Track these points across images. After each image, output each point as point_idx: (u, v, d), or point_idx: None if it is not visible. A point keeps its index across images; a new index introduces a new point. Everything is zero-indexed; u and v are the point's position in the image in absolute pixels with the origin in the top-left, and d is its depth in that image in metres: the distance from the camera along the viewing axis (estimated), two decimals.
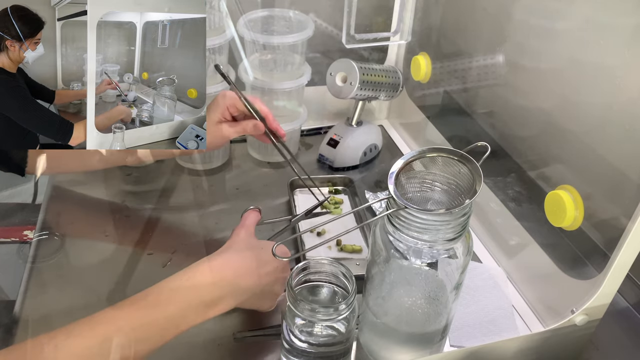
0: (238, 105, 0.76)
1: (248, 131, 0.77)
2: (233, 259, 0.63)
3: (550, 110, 0.73)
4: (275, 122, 0.78)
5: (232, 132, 0.76)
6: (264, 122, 0.76)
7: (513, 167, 0.80)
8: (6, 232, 0.86)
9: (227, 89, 0.95)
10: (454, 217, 0.52)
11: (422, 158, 0.56)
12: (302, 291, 0.60)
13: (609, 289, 0.60)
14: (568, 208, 0.64)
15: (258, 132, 0.77)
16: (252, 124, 0.76)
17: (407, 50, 1.08)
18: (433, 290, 0.59)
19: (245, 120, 0.77)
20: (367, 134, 1.04)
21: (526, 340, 0.64)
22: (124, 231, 0.84)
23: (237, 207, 0.91)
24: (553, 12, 0.70)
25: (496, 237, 0.84)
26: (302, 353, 0.59)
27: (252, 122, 0.76)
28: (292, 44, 0.92)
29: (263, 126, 0.76)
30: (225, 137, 0.76)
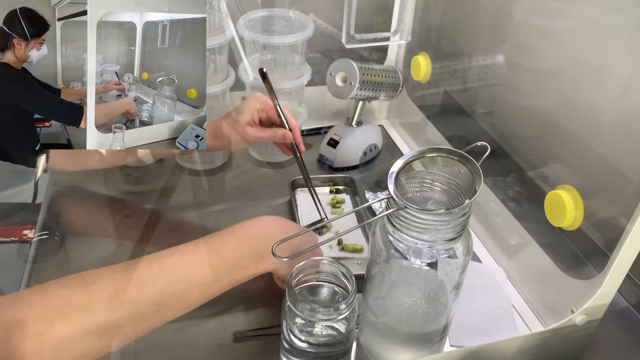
0: (269, 111, 0.78)
1: (277, 138, 0.79)
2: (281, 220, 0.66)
3: (550, 110, 0.73)
4: (300, 137, 0.81)
5: (262, 136, 0.79)
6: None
7: (513, 167, 0.80)
8: (6, 232, 0.86)
9: (228, 90, 0.95)
10: (454, 217, 0.52)
11: (422, 158, 0.56)
12: (302, 291, 0.60)
13: (609, 289, 0.60)
14: (568, 208, 0.64)
15: (286, 141, 0.79)
16: (282, 132, 0.78)
17: (407, 50, 1.08)
18: (433, 290, 0.59)
19: (273, 127, 0.79)
20: (367, 134, 1.04)
21: (526, 340, 0.64)
22: (124, 231, 0.84)
23: (237, 207, 0.92)
24: (553, 12, 0.70)
25: (496, 237, 0.84)
26: (302, 353, 0.59)
27: (283, 131, 0.78)
28: (292, 44, 0.92)
29: (292, 137, 0.77)
30: (254, 139, 0.79)
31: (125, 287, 0.52)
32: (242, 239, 0.61)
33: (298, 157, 0.81)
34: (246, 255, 0.60)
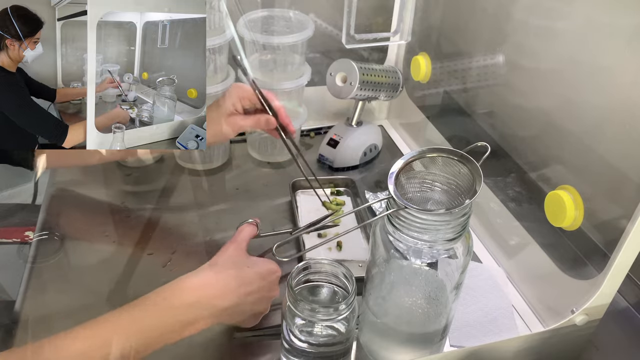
0: (251, 98, 0.76)
1: (261, 125, 0.77)
2: (212, 280, 0.61)
3: (550, 110, 0.73)
4: (287, 117, 0.78)
5: (244, 124, 0.77)
6: (276, 117, 0.76)
7: (513, 167, 0.80)
8: (6, 233, 0.86)
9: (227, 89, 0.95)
10: (454, 217, 0.52)
11: (422, 158, 0.56)
12: (302, 291, 0.60)
13: (609, 289, 0.60)
14: (568, 208, 0.64)
15: (270, 126, 0.77)
16: (264, 118, 0.76)
17: (407, 50, 1.08)
18: (433, 290, 0.59)
19: (257, 113, 0.77)
20: (367, 134, 1.04)
21: (526, 340, 0.64)
22: (124, 231, 0.84)
23: (237, 207, 0.92)
24: (553, 12, 0.70)
25: (496, 237, 0.84)
26: (302, 353, 0.59)
27: (265, 117, 0.76)
28: (292, 44, 0.92)
29: (275, 121, 0.76)
30: (237, 128, 0.77)
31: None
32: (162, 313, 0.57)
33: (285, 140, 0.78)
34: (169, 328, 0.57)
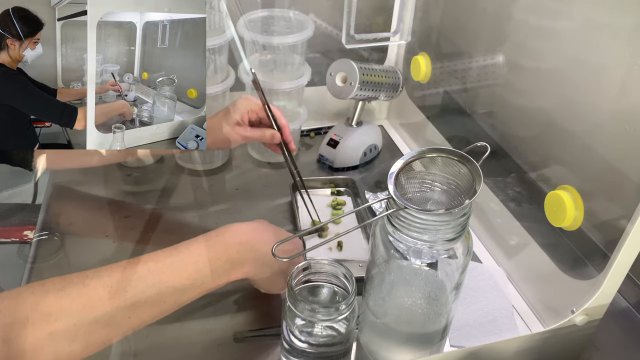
0: (258, 112, 0.79)
1: (266, 138, 0.79)
2: (258, 227, 0.65)
3: (551, 110, 0.73)
4: (290, 135, 0.81)
5: (250, 136, 0.79)
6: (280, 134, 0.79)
7: (513, 167, 0.80)
8: (6, 232, 0.85)
9: (228, 90, 0.95)
10: (454, 217, 0.52)
11: (422, 158, 0.56)
12: (302, 291, 0.60)
13: (609, 289, 0.60)
14: (568, 208, 0.64)
15: (274, 141, 0.80)
16: (270, 132, 0.79)
17: (407, 50, 1.08)
18: (433, 291, 0.59)
19: (263, 127, 0.79)
20: (367, 134, 1.04)
21: (526, 340, 0.64)
22: (124, 231, 0.84)
23: (237, 207, 0.92)
24: (553, 12, 0.70)
25: (496, 237, 0.84)
26: (302, 353, 0.59)
27: (271, 131, 0.79)
28: (292, 44, 0.92)
29: (280, 137, 0.78)
30: (242, 139, 0.79)
31: (96, 293, 0.51)
32: (217, 247, 0.60)
33: (287, 157, 0.81)
34: (220, 264, 0.60)
